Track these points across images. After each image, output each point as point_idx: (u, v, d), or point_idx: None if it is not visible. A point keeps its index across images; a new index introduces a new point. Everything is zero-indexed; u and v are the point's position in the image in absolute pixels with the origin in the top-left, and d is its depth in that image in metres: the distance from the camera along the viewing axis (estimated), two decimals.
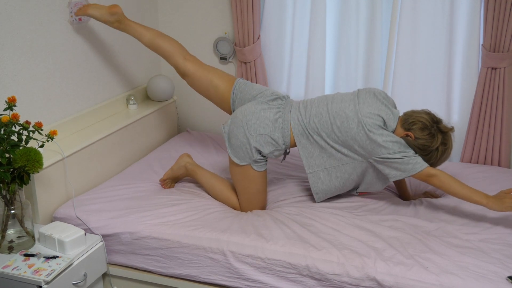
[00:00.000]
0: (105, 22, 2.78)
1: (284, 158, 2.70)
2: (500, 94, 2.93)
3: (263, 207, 2.64)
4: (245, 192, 2.59)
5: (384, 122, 2.40)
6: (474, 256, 2.14)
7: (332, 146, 2.47)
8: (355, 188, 2.64)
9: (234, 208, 2.66)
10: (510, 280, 1.99)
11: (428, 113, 2.45)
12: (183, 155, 2.83)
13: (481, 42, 2.94)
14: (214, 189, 2.69)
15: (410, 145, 2.40)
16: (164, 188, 2.79)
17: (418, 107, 3.11)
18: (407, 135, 2.41)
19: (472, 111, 3.02)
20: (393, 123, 2.43)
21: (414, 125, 2.41)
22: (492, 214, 2.48)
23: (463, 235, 2.31)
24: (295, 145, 2.57)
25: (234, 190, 2.68)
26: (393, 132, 2.44)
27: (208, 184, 2.71)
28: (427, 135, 2.39)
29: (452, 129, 2.45)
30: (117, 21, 2.77)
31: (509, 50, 2.85)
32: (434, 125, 2.41)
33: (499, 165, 3.05)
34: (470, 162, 3.10)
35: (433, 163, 2.44)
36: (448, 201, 2.62)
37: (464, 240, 2.27)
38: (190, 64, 2.77)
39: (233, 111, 2.68)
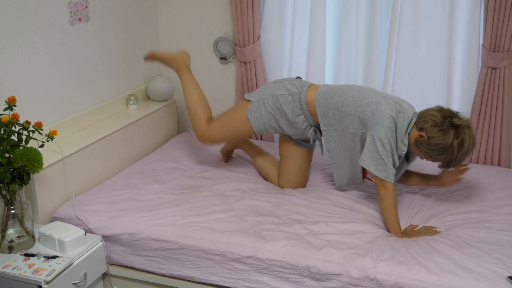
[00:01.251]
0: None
1: (318, 143, 2.75)
2: (500, 94, 2.93)
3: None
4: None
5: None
6: (474, 256, 2.14)
7: (345, 110, 2.49)
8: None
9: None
10: (510, 280, 1.99)
11: (439, 110, 2.37)
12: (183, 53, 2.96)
13: (481, 42, 2.93)
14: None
15: (425, 145, 2.33)
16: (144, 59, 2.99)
17: (418, 107, 3.12)
18: (421, 136, 2.35)
19: (472, 111, 3.02)
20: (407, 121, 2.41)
21: (426, 123, 2.33)
22: (492, 214, 2.48)
23: (463, 235, 2.31)
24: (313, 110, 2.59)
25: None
26: (409, 133, 2.40)
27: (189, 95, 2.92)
28: (438, 132, 2.29)
29: (466, 121, 2.32)
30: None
31: (509, 50, 2.85)
32: (446, 121, 2.31)
33: (499, 165, 3.05)
34: (470, 162, 3.10)
35: (451, 161, 2.33)
36: (448, 201, 2.62)
37: (464, 240, 2.27)
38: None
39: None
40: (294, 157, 2.80)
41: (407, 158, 2.55)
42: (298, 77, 2.74)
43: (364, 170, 2.60)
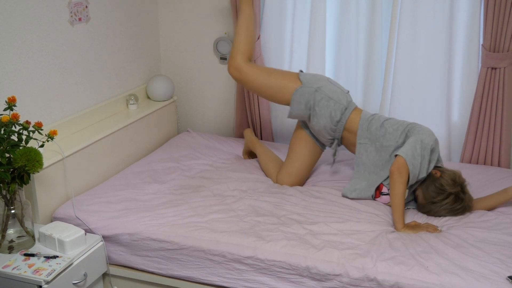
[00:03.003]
0: None
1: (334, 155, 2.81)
2: (500, 94, 2.93)
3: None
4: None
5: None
6: (474, 256, 2.14)
7: (391, 126, 2.63)
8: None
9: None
10: (510, 280, 1.99)
11: (464, 180, 2.54)
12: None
13: (481, 42, 2.93)
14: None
15: (431, 179, 2.50)
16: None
17: (418, 107, 3.14)
18: (435, 172, 2.53)
19: (472, 111, 3.02)
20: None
21: (448, 171, 2.54)
22: (493, 214, 2.48)
23: (463, 235, 2.31)
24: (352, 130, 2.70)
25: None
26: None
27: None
28: (450, 180, 2.48)
29: (471, 199, 2.52)
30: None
31: (509, 50, 2.85)
32: (461, 183, 2.50)
33: (499, 165, 3.05)
34: (470, 162, 3.10)
35: (435, 204, 2.48)
36: None
37: (464, 239, 2.27)
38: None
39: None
40: (303, 152, 2.83)
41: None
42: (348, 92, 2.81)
43: (376, 191, 2.64)
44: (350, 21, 3.16)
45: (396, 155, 2.50)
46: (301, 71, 2.84)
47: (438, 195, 2.47)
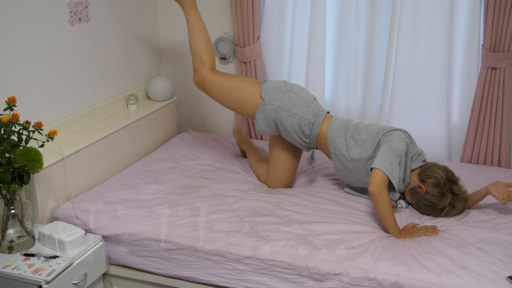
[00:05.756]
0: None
1: (310, 161, 2.75)
2: (500, 94, 2.93)
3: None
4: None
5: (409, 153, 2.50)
6: (474, 256, 2.14)
7: (360, 138, 2.55)
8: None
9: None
10: (511, 280, 1.99)
11: (446, 171, 2.47)
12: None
13: (481, 42, 2.94)
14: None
15: (419, 196, 2.47)
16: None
17: (418, 107, 3.13)
18: (419, 187, 2.46)
19: (472, 111, 3.02)
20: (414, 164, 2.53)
21: (429, 179, 2.45)
22: (493, 214, 2.48)
23: (463, 235, 2.31)
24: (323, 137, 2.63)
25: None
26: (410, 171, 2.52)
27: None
28: (437, 192, 2.43)
29: (464, 192, 2.48)
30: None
31: (509, 50, 2.85)
32: (448, 185, 2.44)
33: (499, 165, 3.05)
34: (470, 162, 3.10)
35: (432, 214, 2.49)
36: None
37: (464, 239, 2.27)
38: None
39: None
40: (282, 158, 2.80)
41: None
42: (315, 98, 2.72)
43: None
44: (350, 21, 3.16)
45: (372, 169, 2.38)
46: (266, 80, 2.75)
47: (433, 211, 2.48)
